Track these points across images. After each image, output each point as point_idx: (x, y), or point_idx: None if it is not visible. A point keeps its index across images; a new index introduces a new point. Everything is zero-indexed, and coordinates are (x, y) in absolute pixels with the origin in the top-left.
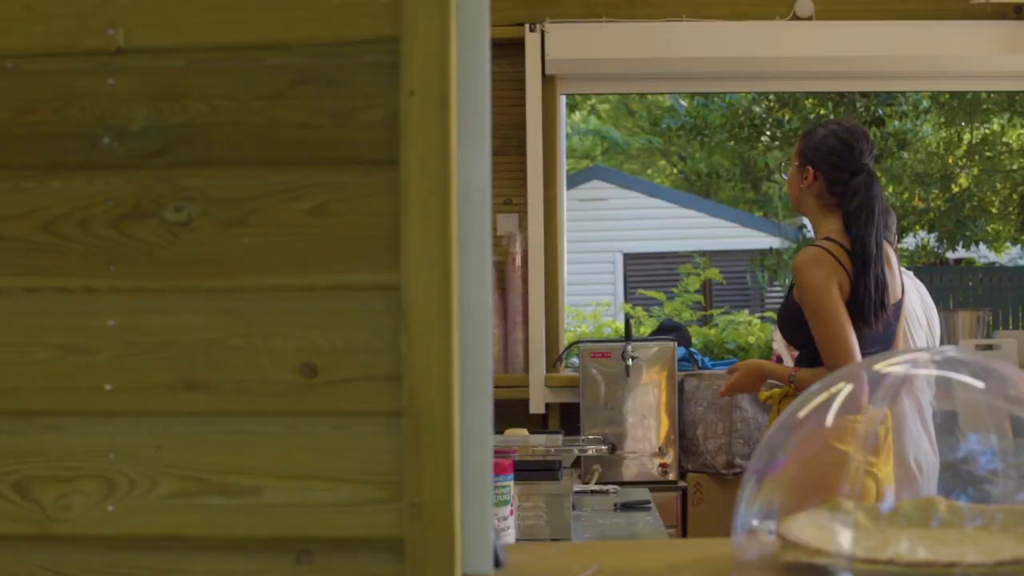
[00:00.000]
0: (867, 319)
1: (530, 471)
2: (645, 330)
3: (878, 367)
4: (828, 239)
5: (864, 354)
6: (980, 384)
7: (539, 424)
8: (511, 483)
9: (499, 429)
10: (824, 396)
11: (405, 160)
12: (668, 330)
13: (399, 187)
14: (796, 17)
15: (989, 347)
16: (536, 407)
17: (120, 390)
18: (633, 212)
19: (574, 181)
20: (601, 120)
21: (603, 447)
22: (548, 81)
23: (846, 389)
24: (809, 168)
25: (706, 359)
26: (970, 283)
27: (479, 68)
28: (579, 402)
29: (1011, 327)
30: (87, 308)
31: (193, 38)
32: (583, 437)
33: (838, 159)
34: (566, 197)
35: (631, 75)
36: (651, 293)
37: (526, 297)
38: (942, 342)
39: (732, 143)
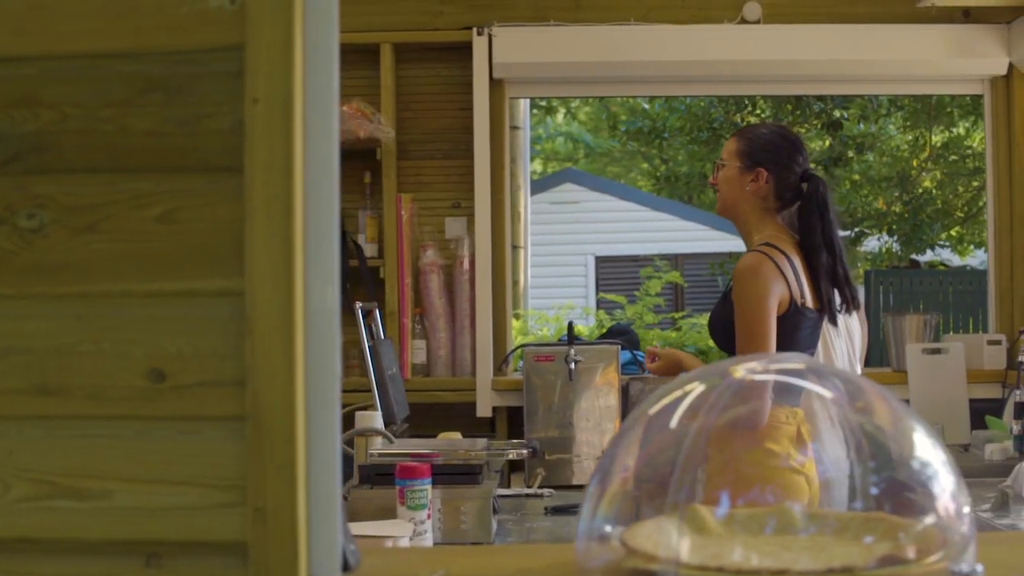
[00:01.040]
0: (833, 317)
1: (452, 475)
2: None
3: (732, 369)
4: (768, 244)
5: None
6: (829, 394)
7: (488, 427)
8: (428, 487)
9: (435, 432)
10: (674, 395)
11: (249, 168)
12: (617, 334)
13: (243, 194)
14: (744, 21)
15: (937, 351)
16: (483, 411)
17: None
18: (605, 215)
19: (546, 184)
20: (580, 123)
21: (524, 451)
22: (496, 85)
23: (697, 390)
24: (761, 170)
25: None
26: (928, 286)
27: (327, 75)
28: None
29: (970, 331)
30: None
31: (45, 47)
32: (508, 442)
33: (789, 160)
34: (530, 201)
35: (579, 78)
36: (612, 296)
37: (474, 300)
38: (883, 346)
39: (693, 146)
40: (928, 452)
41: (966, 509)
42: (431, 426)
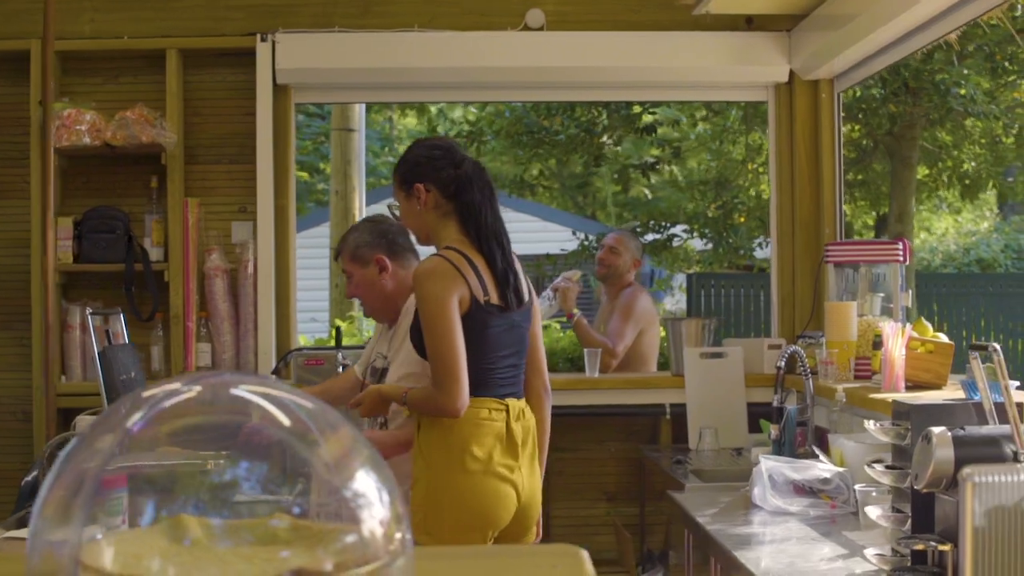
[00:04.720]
0: (505, 297)
1: None
2: None
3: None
4: (448, 248)
5: (500, 357)
6: (287, 421)
7: None
8: (124, 496)
9: None
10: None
11: None
12: None
13: None
14: (527, 27)
15: (717, 355)
16: None
17: None
18: None
19: None
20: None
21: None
22: (280, 91)
23: (184, 394)
24: (417, 185)
25: None
26: (752, 288)
27: None
28: None
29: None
30: None
31: None
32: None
33: (436, 162)
34: (379, 202)
35: (364, 84)
36: None
37: (257, 304)
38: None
39: (516, 150)
40: (366, 485)
41: (399, 535)
42: None
